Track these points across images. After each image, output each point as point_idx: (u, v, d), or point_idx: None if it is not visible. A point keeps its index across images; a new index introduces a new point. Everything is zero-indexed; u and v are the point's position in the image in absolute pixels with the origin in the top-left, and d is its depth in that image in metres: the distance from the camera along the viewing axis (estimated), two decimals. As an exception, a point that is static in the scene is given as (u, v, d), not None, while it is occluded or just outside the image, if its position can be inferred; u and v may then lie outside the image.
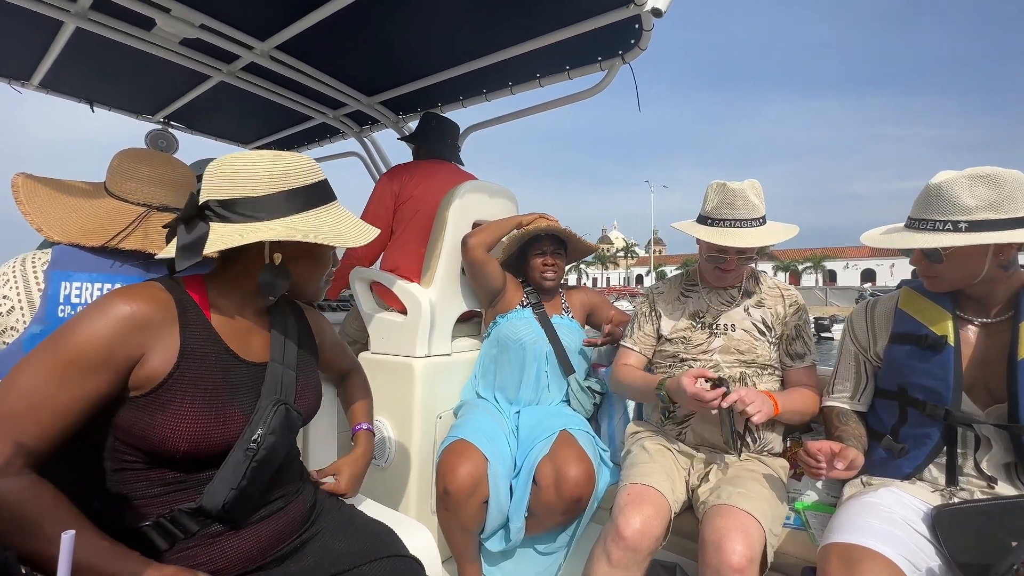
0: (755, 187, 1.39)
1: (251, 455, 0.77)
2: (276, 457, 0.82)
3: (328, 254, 0.94)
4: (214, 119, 2.88)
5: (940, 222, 1.04)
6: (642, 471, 1.32)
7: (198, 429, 0.74)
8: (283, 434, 0.82)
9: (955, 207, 1.02)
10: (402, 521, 1.12)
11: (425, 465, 1.76)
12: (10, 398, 0.66)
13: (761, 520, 1.14)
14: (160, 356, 0.74)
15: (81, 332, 0.69)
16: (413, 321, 1.80)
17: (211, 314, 0.83)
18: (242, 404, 0.81)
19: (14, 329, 1.03)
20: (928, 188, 1.08)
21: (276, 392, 0.85)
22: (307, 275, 0.91)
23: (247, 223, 0.79)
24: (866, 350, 1.29)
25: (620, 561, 1.16)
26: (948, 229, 1.03)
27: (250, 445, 0.77)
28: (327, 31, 1.82)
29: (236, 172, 0.80)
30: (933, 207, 1.06)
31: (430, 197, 1.98)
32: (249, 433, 0.78)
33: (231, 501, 0.75)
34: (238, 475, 0.76)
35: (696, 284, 1.57)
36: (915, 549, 0.96)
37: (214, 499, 0.74)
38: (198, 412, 0.74)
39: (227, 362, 0.82)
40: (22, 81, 2.30)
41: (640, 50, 1.80)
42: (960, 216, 1.02)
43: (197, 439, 0.73)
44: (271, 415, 0.81)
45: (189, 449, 0.73)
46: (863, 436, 1.23)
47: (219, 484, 0.75)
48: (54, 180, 1.12)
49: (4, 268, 1.05)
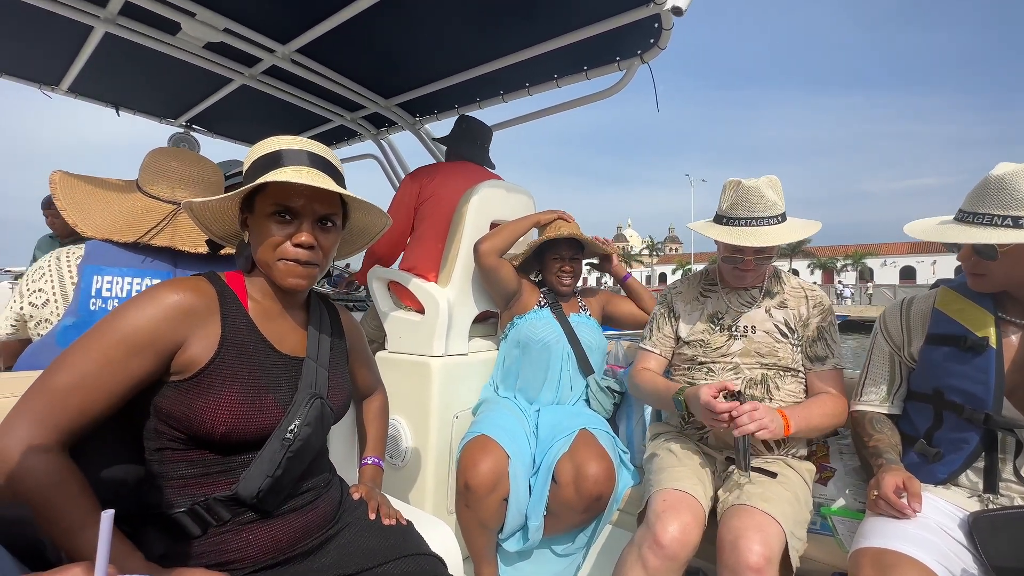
0: (772, 183, 1.35)
1: (287, 445, 0.79)
2: (310, 449, 0.84)
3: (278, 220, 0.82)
4: (234, 122, 2.93)
5: (999, 217, 0.96)
6: (673, 475, 1.28)
7: (236, 414, 0.76)
8: (317, 427, 0.84)
9: (1018, 201, 0.95)
10: (422, 518, 1.12)
11: (442, 465, 1.76)
12: (59, 374, 0.69)
13: (781, 521, 1.11)
14: (202, 343, 0.77)
15: (130, 317, 0.73)
16: (430, 320, 1.81)
17: (250, 307, 0.86)
18: (278, 394, 0.83)
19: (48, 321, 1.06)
20: (987, 180, 1.00)
21: (312, 387, 0.87)
22: (256, 243, 0.85)
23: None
24: (900, 349, 1.24)
25: (657, 570, 1.12)
26: (1008, 225, 0.95)
27: (287, 435, 0.79)
28: (346, 34, 1.84)
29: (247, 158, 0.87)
30: (992, 200, 0.97)
31: (449, 197, 1.99)
32: (286, 424, 0.80)
33: (266, 489, 0.77)
34: (274, 464, 0.78)
35: (715, 284, 1.54)
36: (950, 555, 0.94)
37: (250, 486, 0.76)
38: (236, 398, 0.77)
39: (264, 353, 0.84)
40: (52, 86, 2.37)
41: (659, 49, 1.79)
42: (1022, 212, 0.94)
43: (234, 423, 0.76)
44: (307, 408, 0.83)
45: (227, 432, 0.75)
46: (898, 444, 1.18)
47: (255, 472, 0.77)
48: (89, 177, 1.15)
49: (40, 262, 1.08)
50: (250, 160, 0.86)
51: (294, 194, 0.81)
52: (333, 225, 0.88)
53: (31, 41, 2.02)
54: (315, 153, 0.87)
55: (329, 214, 0.86)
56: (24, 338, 1.12)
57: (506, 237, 1.78)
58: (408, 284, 1.89)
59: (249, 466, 0.78)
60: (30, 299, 1.06)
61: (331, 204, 0.86)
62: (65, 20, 1.75)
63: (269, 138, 0.87)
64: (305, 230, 0.83)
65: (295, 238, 0.83)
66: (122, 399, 0.72)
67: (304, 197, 0.82)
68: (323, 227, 0.86)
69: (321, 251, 0.86)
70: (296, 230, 0.83)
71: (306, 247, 0.83)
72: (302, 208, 0.83)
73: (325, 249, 0.87)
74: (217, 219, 0.90)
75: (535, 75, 2.14)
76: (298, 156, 0.85)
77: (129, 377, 0.72)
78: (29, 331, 1.10)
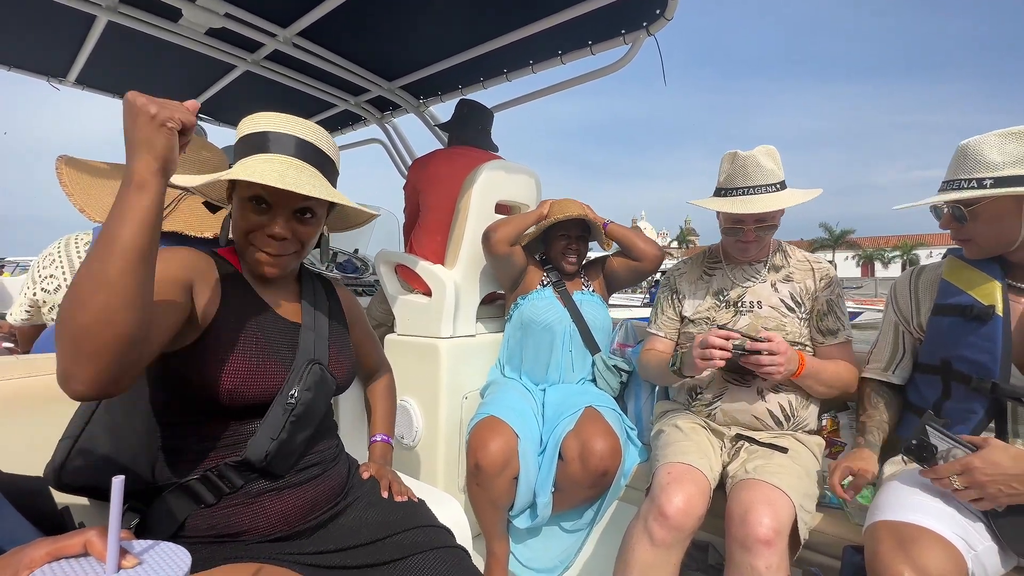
0: (769, 152, 1.34)
1: (289, 409, 0.81)
2: (313, 414, 0.86)
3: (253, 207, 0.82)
4: (239, 110, 2.92)
5: (965, 180, 1.03)
6: (679, 449, 1.29)
7: (240, 370, 0.78)
8: (318, 392, 0.86)
9: (981, 164, 1.01)
10: (432, 493, 1.13)
11: (452, 444, 1.78)
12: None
13: (790, 494, 1.11)
14: (205, 299, 0.78)
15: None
16: (438, 302, 1.81)
17: (244, 273, 0.88)
18: (281, 357, 0.84)
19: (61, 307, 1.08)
20: (957, 149, 1.07)
21: (310, 353, 0.88)
22: (234, 222, 0.85)
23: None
24: (908, 321, 1.24)
25: (663, 540, 1.13)
26: (972, 187, 1.02)
27: (289, 400, 0.81)
28: (347, 15, 1.82)
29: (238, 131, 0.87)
30: (960, 167, 1.05)
31: (450, 181, 1.99)
32: (287, 389, 0.82)
33: (273, 452, 0.78)
34: (277, 428, 0.79)
35: (719, 261, 1.52)
36: (966, 524, 0.93)
37: (257, 450, 0.78)
38: (239, 355, 0.79)
39: (264, 314, 0.86)
40: (59, 78, 2.39)
41: (666, 20, 1.74)
42: (986, 173, 1.00)
43: (238, 383, 0.77)
44: (306, 373, 0.84)
45: (232, 388, 0.77)
46: (885, 423, 1.20)
47: (261, 436, 0.79)
48: (94, 163, 1.16)
49: (49, 249, 1.10)
50: (239, 135, 0.86)
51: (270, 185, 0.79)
52: (312, 215, 0.86)
53: (37, 33, 2.04)
54: (304, 140, 0.84)
55: (308, 206, 0.84)
56: (39, 323, 1.15)
57: (517, 226, 1.75)
58: (415, 267, 1.90)
59: (256, 432, 0.80)
60: (42, 285, 1.08)
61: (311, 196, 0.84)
62: (69, 10, 1.76)
63: (261, 113, 0.85)
64: (279, 222, 0.82)
65: (268, 228, 0.82)
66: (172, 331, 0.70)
67: (281, 189, 0.79)
68: (300, 218, 0.85)
69: (298, 241, 0.86)
70: (270, 220, 0.82)
71: (279, 239, 0.82)
72: (277, 199, 0.81)
73: (303, 238, 0.86)
74: (211, 188, 0.92)
75: (539, 52, 2.10)
76: (285, 142, 0.82)
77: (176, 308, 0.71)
78: (43, 316, 1.12)
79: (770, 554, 1.03)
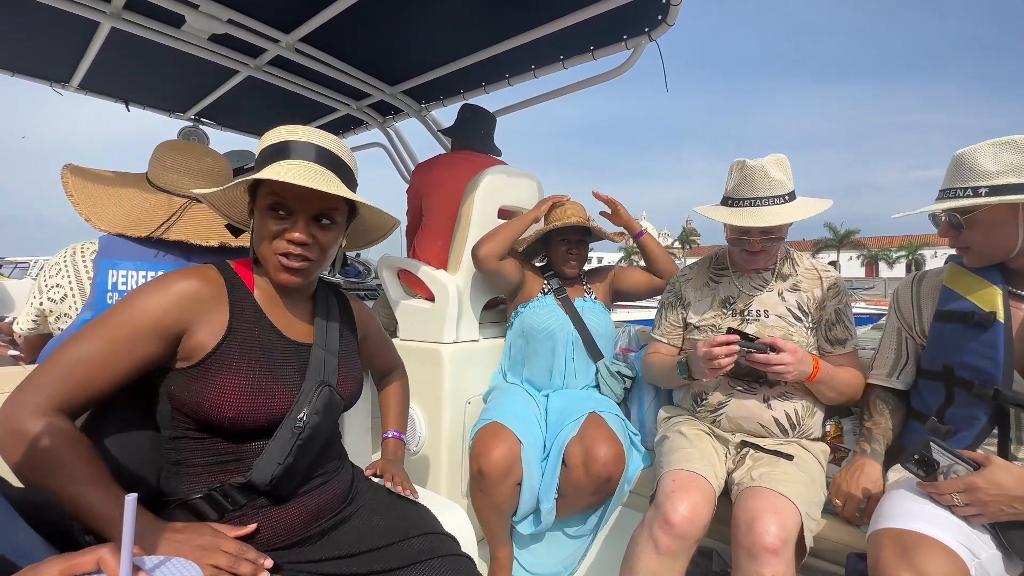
0: (779, 162, 1.32)
1: (297, 433, 0.80)
2: (320, 436, 0.85)
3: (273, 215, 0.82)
4: (242, 115, 2.94)
5: (960, 189, 1.04)
6: (683, 456, 1.29)
7: (243, 399, 0.77)
8: (326, 415, 0.85)
9: (976, 173, 1.02)
10: (436, 500, 1.13)
11: (455, 450, 1.78)
12: (67, 351, 0.73)
13: (797, 502, 1.11)
14: (208, 329, 0.78)
15: (138, 303, 0.76)
16: (441, 307, 1.82)
17: (257, 293, 0.87)
18: (286, 381, 0.84)
19: (67, 316, 1.08)
20: (952, 158, 1.08)
21: (320, 375, 0.87)
22: (255, 235, 0.85)
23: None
24: (911, 326, 1.24)
25: (668, 549, 1.13)
26: (968, 195, 1.03)
27: (297, 424, 0.81)
28: (349, 21, 1.82)
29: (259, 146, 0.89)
30: (956, 176, 1.06)
31: (452, 187, 1.99)
32: (296, 412, 0.82)
33: (279, 476, 0.78)
34: (285, 451, 0.79)
35: (726, 268, 1.51)
36: (969, 533, 0.93)
37: (263, 473, 0.78)
38: (243, 382, 0.78)
39: (271, 338, 0.85)
40: (63, 83, 2.40)
41: (667, 26, 1.74)
42: (981, 182, 1.01)
43: (242, 408, 0.77)
44: (316, 396, 0.84)
45: (235, 417, 0.77)
46: (889, 431, 1.21)
47: (267, 459, 0.79)
48: (99, 172, 1.16)
49: (56, 258, 1.10)
50: (260, 148, 0.87)
51: (289, 190, 0.80)
52: (332, 222, 0.86)
53: (40, 39, 2.04)
54: (324, 148, 0.85)
55: (327, 211, 0.84)
56: (45, 332, 1.15)
57: (503, 240, 1.71)
58: (418, 272, 1.90)
59: (261, 454, 0.79)
60: (49, 295, 1.09)
61: (330, 201, 0.83)
62: (72, 16, 1.77)
63: (283, 126, 0.87)
64: (299, 227, 0.81)
65: (288, 234, 0.81)
66: (126, 379, 0.75)
67: (300, 193, 0.79)
68: (320, 224, 0.84)
69: (318, 248, 0.84)
70: (291, 226, 0.82)
71: (298, 244, 0.81)
72: (297, 204, 0.81)
73: (323, 245, 0.85)
74: (231, 206, 0.92)
75: (541, 57, 2.10)
76: (305, 149, 0.83)
77: (135, 360, 0.74)
78: (50, 325, 1.13)
79: (777, 563, 1.03)
